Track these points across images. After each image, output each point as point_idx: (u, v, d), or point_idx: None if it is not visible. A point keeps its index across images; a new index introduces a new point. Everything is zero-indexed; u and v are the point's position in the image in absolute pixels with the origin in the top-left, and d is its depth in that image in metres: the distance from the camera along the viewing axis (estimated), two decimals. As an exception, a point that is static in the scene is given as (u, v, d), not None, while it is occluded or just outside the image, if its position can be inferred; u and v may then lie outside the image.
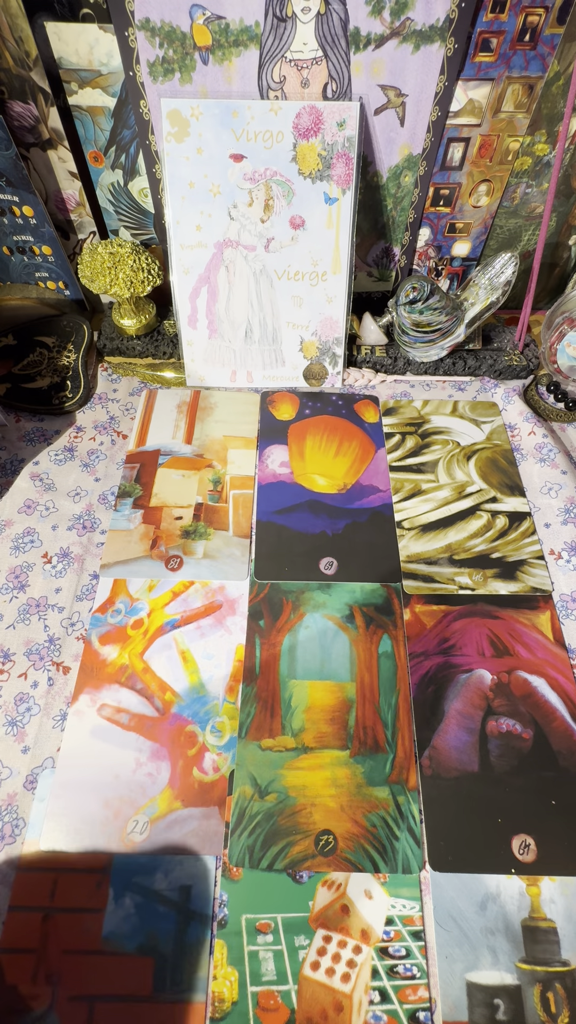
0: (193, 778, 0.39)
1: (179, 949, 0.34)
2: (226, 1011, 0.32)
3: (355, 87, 0.48)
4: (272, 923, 0.34)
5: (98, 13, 0.45)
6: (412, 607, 0.46)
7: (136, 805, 0.38)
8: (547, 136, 0.52)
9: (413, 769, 0.39)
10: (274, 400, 0.60)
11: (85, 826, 0.37)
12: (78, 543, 0.50)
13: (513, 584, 0.48)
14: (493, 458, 0.56)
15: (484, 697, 0.42)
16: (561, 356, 0.54)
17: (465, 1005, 0.32)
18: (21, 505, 0.52)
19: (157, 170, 0.54)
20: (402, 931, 0.34)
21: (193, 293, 0.56)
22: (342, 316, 0.58)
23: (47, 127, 0.51)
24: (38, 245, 0.59)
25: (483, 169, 0.54)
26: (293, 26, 0.45)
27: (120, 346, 0.63)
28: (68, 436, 0.57)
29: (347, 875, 0.36)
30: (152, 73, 0.47)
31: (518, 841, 0.37)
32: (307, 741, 0.40)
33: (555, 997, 0.33)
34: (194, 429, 0.58)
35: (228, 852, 0.36)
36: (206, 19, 0.44)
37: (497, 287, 0.55)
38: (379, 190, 0.56)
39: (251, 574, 0.48)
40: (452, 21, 0.44)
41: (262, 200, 0.52)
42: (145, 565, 0.48)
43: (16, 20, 0.44)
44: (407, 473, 0.55)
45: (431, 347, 0.60)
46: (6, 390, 0.58)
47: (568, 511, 0.51)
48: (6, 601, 0.46)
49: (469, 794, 0.38)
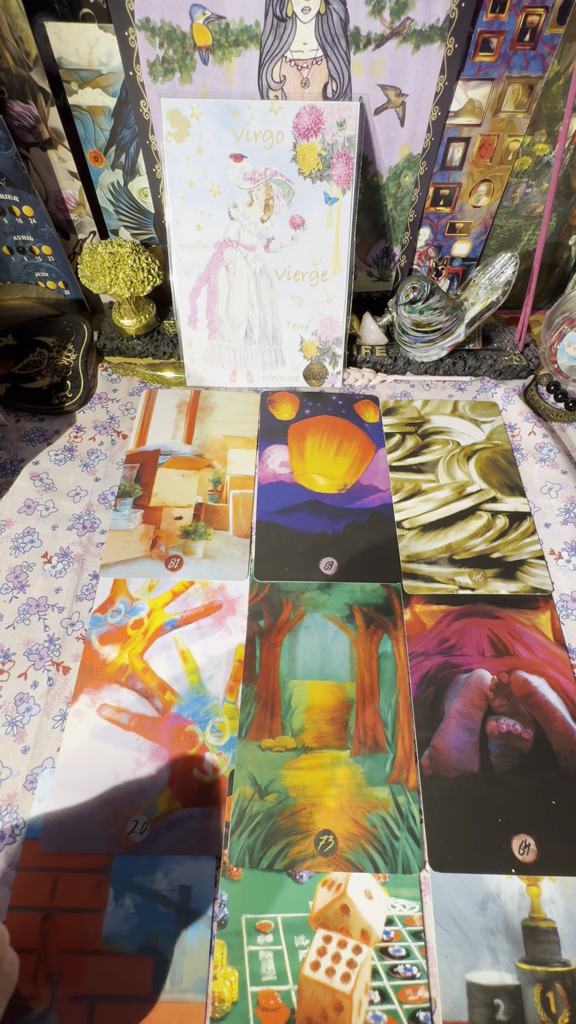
0: (193, 778, 0.39)
1: (179, 949, 0.34)
2: (226, 1011, 0.32)
3: (355, 87, 0.48)
4: (272, 923, 0.34)
5: (98, 13, 0.45)
6: (412, 607, 0.46)
7: (136, 805, 0.38)
8: (547, 136, 0.52)
9: (413, 769, 0.39)
10: (274, 400, 0.60)
11: (85, 826, 0.37)
12: (78, 543, 0.50)
13: (513, 584, 0.48)
14: (493, 458, 0.56)
15: (484, 697, 0.42)
16: (561, 356, 0.54)
17: (465, 1005, 0.32)
18: (21, 505, 0.52)
19: (157, 170, 0.54)
20: (402, 931, 0.34)
21: (193, 293, 0.56)
22: (342, 316, 0.58)
23: (47, 127, 0.51)
24: (38, 245, 0.59)
25: (483, 169, 0.54)
26: (293, 26, 0.45)
27: (120, 346, 0.63)
28: (68, 436, 0.57)
29: (347, 875, 0.36)
30: (152, 73, 0.47)
31: (518, 841, 0.37)
32: (307, 741, 0.40)
33: (555, 997, 0.32)
34: (194, 429, 0.58)
35: (228, 852, 0.36)
36: (206, 19, 0.44)
37: (497, 287, 0.55)
38: (379, 190, 0.55)
39: (251, 574, 0.48)
40: (452, 21, 0.44)
41: (262, 200, 0.52)
42: (145, 565, 0.48)
43: (16, 20, 0.44)
44: (407, 473, 0.55)
45: (431, 347, 0.60)
46: (6, 390, 0.58)
47: (568, 511, 0.51)
48: (6, 601, 0.46)
49: (469, 794, 0.38)
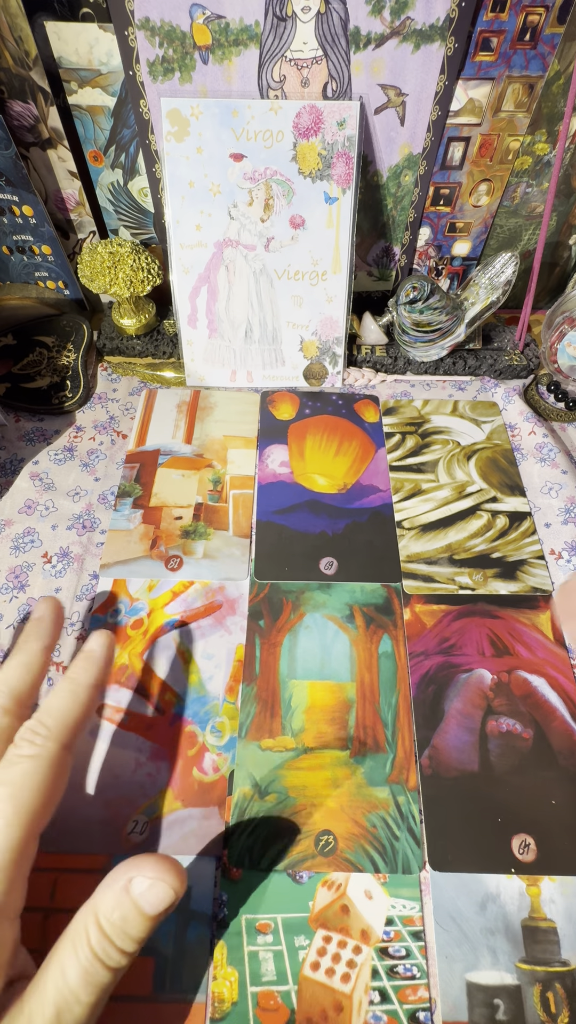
0: (193, 778, 0.39)
1: (179, 949, 0.34)
2: (226, 1011, 0.32)
3: (355, 86, 0.48)
4: (272, 923, 0.34)
5: (98, 12, 0.45)
6: (412, 607, 0.46)
7: (136, 805, 0.38)
8: (547, 135, 0.52)
9: (413, 769, 0.39)
10: (274, 400, 0.60)
11: (85, 826, 0.37)
12: (78, 543, 0.50)
13: (513, 584, 0.48)
14: (493, 458, 0.56)
15: (484, 697, 0.42)
16: (561, 356, 0.54)
17: (465, 1005, 0.32)
18: (21, 505, 0.52)
19: (157, 169, 0.54)
20: (402, 931, 0.34)
21: (193, 293, 0.56)
22: (342, 316, 0.57)
23: (47, 126, 0.51)
24: (38, 245, 0.59)
25: (483, 168, 0.54)
26: (293, 25, 0.45)
27: (120, 346, 0.63)
28: (68, 436, 0.57)
29: (347, 875, 0.36)
30: (152, 72, 0.47)
31: (518, 841, 0.37)
32: (307, 741, 0.40)
33: (555, 997, 0.33)
34: (194, 429, 0.58)
35: (228, 852, 0.36)
36: (206, 18, 0.44)
37: (497, 287, 0.55)
38: (379, 189, 0.55)
39: (251, 574, 0.48)
40: (452, 20, 0.44)
41: (262, 199, 0.51)
42: (145, 565, 0.48)
43: (16, 20, 0.44)
44: (407, 473, 0.55)
45: (431, 347, 0.60)
46: (6, 390, 0.58)
47: (568, 511, 0.51)
48: (6, 601, 0.46)
49: (469, 794, 0.38)
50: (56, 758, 0.28)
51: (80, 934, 0.24)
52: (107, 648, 0.34)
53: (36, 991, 0.24)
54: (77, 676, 0.32)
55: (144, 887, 0.25)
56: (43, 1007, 0.23)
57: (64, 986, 0.23)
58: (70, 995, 0.23)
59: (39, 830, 0.27)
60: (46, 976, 0.24)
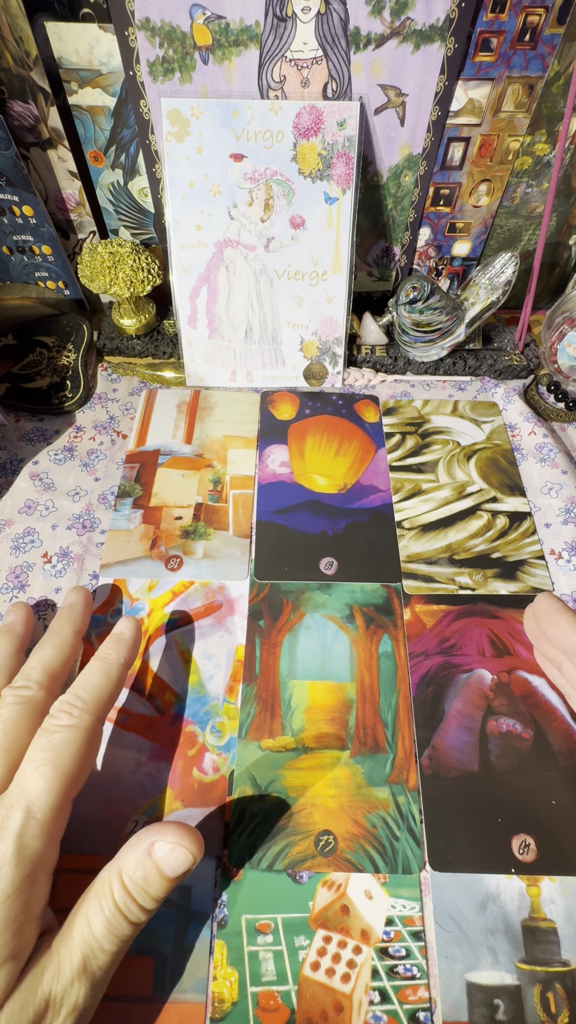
0: (193, 778, 0.39)
1: (179, 949, 0.34)
2: (226, 1011, 0.32)
3: (355, 87, 0.48)
4: (272, 923, 0.34)
5: (98, 13, 0.45)
6: (412, 607, 0.46)
7: (136, 805, 0.38)
8: (547, 136, 0.52)
9: (413, 769, 0.39)
10: (274, 400, 0.60)
11: (85, 826, 0.37)
12: (78, 543, 0.50)
13: (513, 584, 0.48)
14: (493, 458, 0.56)
15: (484, 697, 0.42)
16: (561, 356, 0.54)
17: (465, 1005, 0.32)
18: (21, 505, 0.52)
19: (157, 170, 0.54)
20: (402, 931, 0.34)
21: (193, 293, 0.56)
22: (342, 316, 0.58)
23: (47, 127, 0.51)
24: (38, 245, 0.59)
25: (483, 169, 0.54)
26: (293, 26, 0.45)
27: (120, 346, 0.63)
28: (68, 436, 0.57)
29: (347, 875, 0.36)
30: (152, 73, 0.47)
31: (518, 841, 0.37)
32: (307, 741, 0.40)
33: (555, 997, 0.32)
34: (194, 429, 0.58)
35: (228, 852, 0.36)
36: (206, 19, 0.44)
37: (497, 287, 0.55)
38: (379, 190, 0.55)
39: (251, 574, 0.48)
40: (452, 21, 0.44)
41: (262, 200, 0.52)
42: (145, 565, 0.48)
43: (16, 20, 0.44)
44: (407, 473, 0.55)
45: (431, 347, 0.60)
46: (6, 390, 0.58)
47: (568, 511, 0.51)
48: (6, 601, 0.46)
49: (469, 794, 0.38)
50: (91, 728, 0.31)
51: (105, 890, 0.27)
52: (135, 631, 0.38)
53: (64, 941, 0.26)
54: (108, 655, 0.35)
55: (165, 851, 0.27)
56: (71, 954, 0.26)
57: (90, 936, 0.26)
58: (95, 944, 0.26)
59: (74, 795, 0.30)
60: (73, 927, 0.27)
